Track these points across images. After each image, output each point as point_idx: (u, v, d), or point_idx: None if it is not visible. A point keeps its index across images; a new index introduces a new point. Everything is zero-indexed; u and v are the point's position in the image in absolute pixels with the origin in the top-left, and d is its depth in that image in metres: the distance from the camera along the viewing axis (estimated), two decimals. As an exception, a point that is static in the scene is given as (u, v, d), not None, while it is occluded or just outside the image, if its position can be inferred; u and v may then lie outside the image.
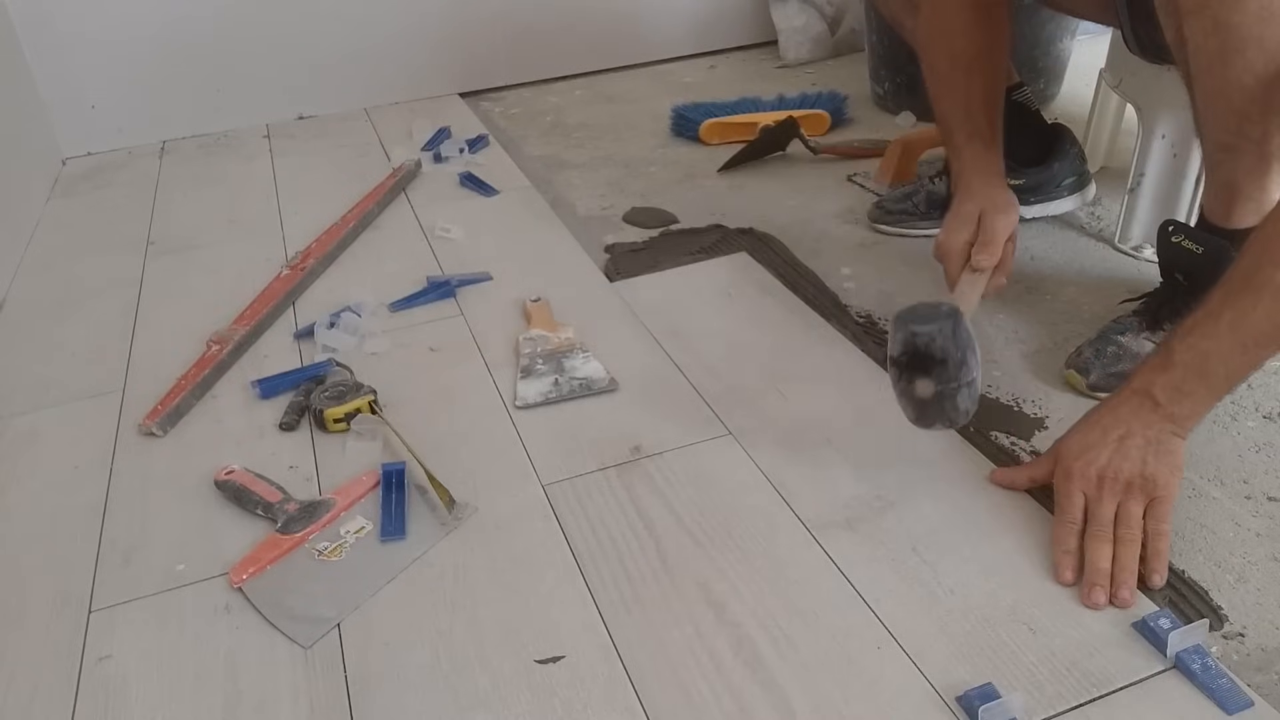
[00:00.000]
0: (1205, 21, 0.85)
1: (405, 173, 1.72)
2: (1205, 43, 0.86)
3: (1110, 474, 0.83)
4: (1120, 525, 0.82)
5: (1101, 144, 1.55)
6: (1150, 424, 0.84)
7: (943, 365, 0.85)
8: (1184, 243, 1.02)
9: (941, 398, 0.87)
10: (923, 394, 0.87)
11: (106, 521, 0.97)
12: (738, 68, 2.31)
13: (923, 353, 0.86)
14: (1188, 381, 0.82)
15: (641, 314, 1.26)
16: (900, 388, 0.89)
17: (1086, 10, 1.28)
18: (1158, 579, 0.80)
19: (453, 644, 0.80)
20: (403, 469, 0.98)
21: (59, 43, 1.89)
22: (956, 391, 0.87)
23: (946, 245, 1.04)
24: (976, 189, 1.06)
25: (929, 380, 0.86)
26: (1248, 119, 0.88)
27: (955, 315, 0.86)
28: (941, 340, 0.85)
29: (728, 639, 0.78)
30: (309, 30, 2.05)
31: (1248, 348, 0.79)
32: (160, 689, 0.78)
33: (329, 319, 1.26)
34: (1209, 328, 0.81)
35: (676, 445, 1.01)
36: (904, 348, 0.87)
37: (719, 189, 1.65)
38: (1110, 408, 0.87)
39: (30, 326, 1.36)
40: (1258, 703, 0.70)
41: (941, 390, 0.86)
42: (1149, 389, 0.84)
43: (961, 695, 0.71)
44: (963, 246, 1.02)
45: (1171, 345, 0.84)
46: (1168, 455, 0.83)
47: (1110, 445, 0.84)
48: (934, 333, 0.85)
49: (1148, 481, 0.83)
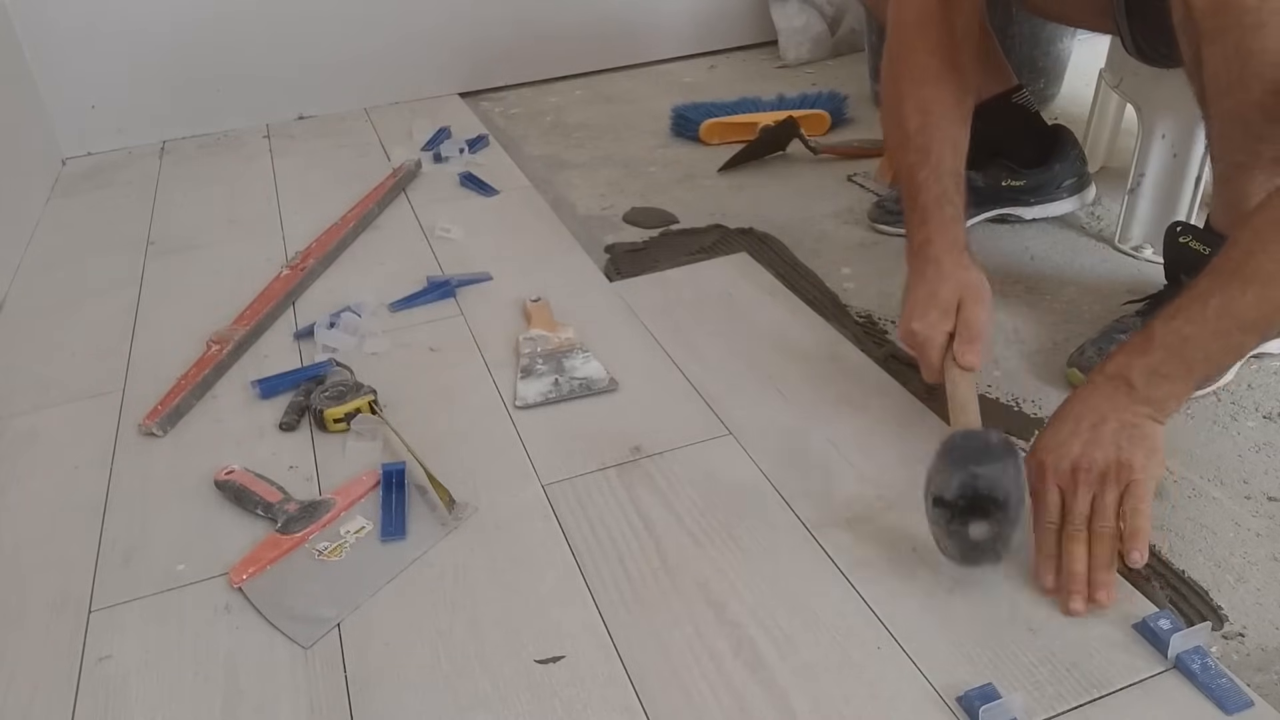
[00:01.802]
0: (1226, 46, 0.85)
1: (405, 173, 1.72)
2: (1225, 66, 0.86)
3: (1084, 464, 0.79)
4: (1095, 518, 0.78)
5: (1101, 144, 1.55)
6: (1125, 408, 0.81)
7: (1003, 509, 0.78)
8: (1192, 244, 1.02)
9: (995, 539, 0.79)
10: (977, 537, 0.79)
11: (106, 521, 0.97)
12: (738, 68, 2.31)
13: (984, 496, 0.78)
14: (1166, 364, 0.80)
15: (641, 314, 1.26)
16: (949, 529, 0.80)
17: (1083, 20, 1.28)
18: (1137, 556, 0.76)
19: (453, 644, 0.80)
20: (403, 469, 0.98)
21: (59, 43, 1.89)
22: (1012, 532, 0.79)
23: (926, 337, 0.95)
24: (949, 270, 0.97)
25: (986, 524, 0.79)
26: (1263, 140, 0.89)
27: (1014, 452, 0.80)
28: (1006, 483, 0.78)
29: (728, 639, 0.78)
30: (309, 30, 2.05)
31: (1231, 333, 0.78)
32: (160, 689, 0.78)
33: (329, 319, 1.26)
34: (1194, 312, 0.79)
35: (676, 445, 1.01)
36: (961, 491, 0.78)
37: (719, 189, 1.65)
38: (1083, 396, 0.83)
39: (30, 326, 1.36)
40: (1258, 703, 0.70)
41: (998, 533, 0.79)
42: (1125, 373, 0.81)
43: (962, 695, 0.71)
44: (943, 339, 0.95)
45: (1153, 328, 0.81)
46: (1144, 439, 0.80)
47: (1083, 435, 0.81)
48: (998, 475, 0.78)
49: (1123, 467, 0.79)
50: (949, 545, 0.80)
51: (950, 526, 0.79)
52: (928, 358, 0.95)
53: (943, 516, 0.80)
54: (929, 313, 0.95)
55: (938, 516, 0.80)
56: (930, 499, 0.80)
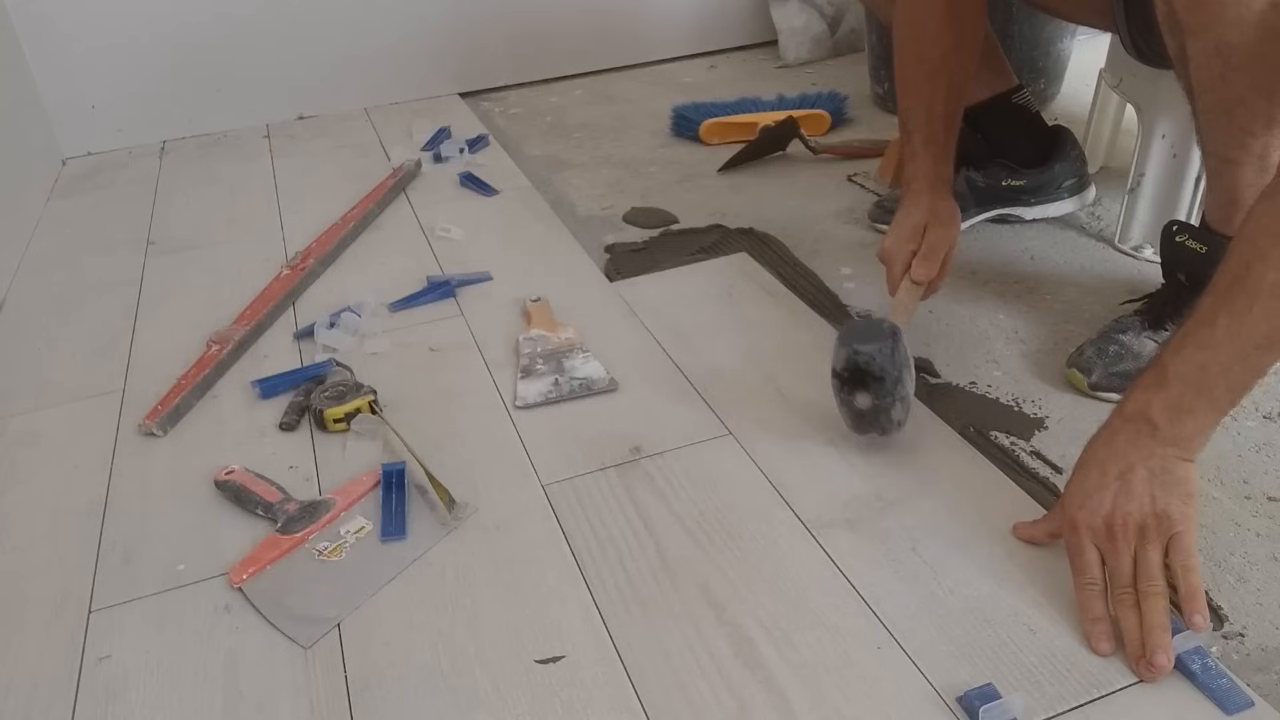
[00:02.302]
0: (1209, 42, 0.85)
1: (405, 173, 1.72)
2: (1209, 61, 0.86)
3: (1119, 520, 0.76)
4: (1141, 579, 0.74)
5: (1101, 144, 1.55)
6: (1152, 453, 0.76)
7: (880, 382, 0.91)
8: (1188, 242, 1.02)
9: (877, 411, 0.93)
10: (861, 406, 0.93)
11: (106, 521, 0.97)
12: (738, 68, 2.31)
13: (863, 369, 0.91)
14: (1187, 398, 0.75)
15: (641, 314, 1.26)
16: (840, 398, 0.95)
17: (1083, 17, 1.29)
18: (1200, 620, 0.72)
19: (453, 644, 0.80)
20: (403, 469, 0.98)
21: (59, 43, 1.89)
22: (891, 405, 0.93)
23: (891, 252, 1.08)
24: (924, 199, 1.10)
25: (867, 394, 0.92)
26: (1250, 134, 0.89)
27: (895, 335, 0.92)
28: (881, 359, 0.91)
29: (728, 639, 0.78)
30: (309, 30, 2.05)
31: (1248, 354, 0.73)
32: (160, 689, 0.78)
33: (329, 319, 1.26)
34: (1203, 337, 0.74)
35: (676, 445, 1.01)
36: (846, 364, 0.92)
37: (719, 189, 1.65)
38: (1105, 441, 0.79)
39: (30, 326, 1.36)
40: (1258, 703, 0.70)
41: (878, 404, 0.92)
42: (1145, 412, 0.77)
43: (962, 695, 0.71)
44: (907, 255, 1.07)
45: (1164, 360, 0.77)
46: (1177, 485, 0.75)
47: (1111, 487, 0.77)
48: (874, 352, 0.91)
49: (1161, 519, 0.75)
50: (843, 414, 0.96)
51: (840, 396, 0.95)
52: (890, 271, 1.09)
53: (835, 387, 0.95)
54: (899, 233, 1.09)
55: (833, 388, 0.95)
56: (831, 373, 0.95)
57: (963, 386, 1.09)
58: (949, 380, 1.10)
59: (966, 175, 1.39)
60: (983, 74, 1.33)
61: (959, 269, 1.32)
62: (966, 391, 1.08)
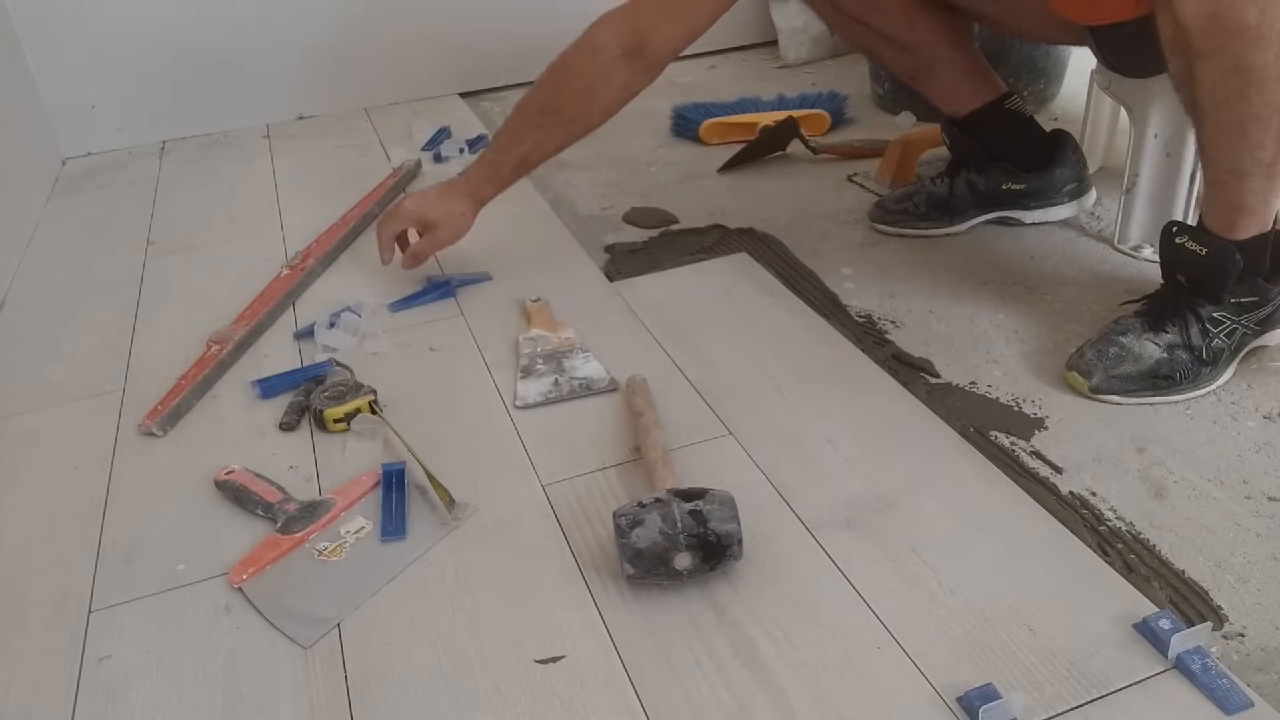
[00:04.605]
0: (1225, 64, 0.88)
1: (405, 173, 1.72)
2: (1223, 81, 0.89)
3: None
4: None
5: (1099, 144, 1.55)
6: None
7: (722, 550, 0.81)
8: (1188, 244, 1.02)
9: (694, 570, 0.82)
10: (681, 566, 0.81)
11: (106, 521, 0.97)
12: (738, 68, 2.31)
13: (713, 540, 0.81)
14: None
15: (641, 314, 1.26)
16: (639, 549, 0.80)
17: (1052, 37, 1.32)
18: None
19: (453, 644, 0.80)
20: (403, 469, 0.98)
21: (59, 43, 1.89)
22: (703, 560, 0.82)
23: (399, 217, 1.30)
24: (461, 202, 1.28)
25: (689, 556, 0.81)
26: (1261, 147, 0.91)
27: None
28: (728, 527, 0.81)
29: (728, 639, 0.78)
30: (309, 30, 2.05)
31: None
32: (160, 689, 0.78)
33: (329, 319, 1.26)
34: None
35: (676, 445, 1.01)
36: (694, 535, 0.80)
37: (719, 189, 1.65)
38: None
39: (30, 326, 1.36)
40: (1258, 703, 0.70)
41: (697, 567, 0.81)
42: None
43: (962, 695, 0.71)
44: (403, 236, 1.32)
45: None
46: None
47: None
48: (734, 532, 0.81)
49: None
50: (630, 559, 0.81)
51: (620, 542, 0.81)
52: (381, 234, 1.31)
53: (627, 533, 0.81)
54: (419, 210, 1.29)
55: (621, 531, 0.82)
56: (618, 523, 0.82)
57: (963, 386, 1.09)
58: (949, 380, 1.10)
59: (966, 178, 1.39)
60: (969, 84, 1.35)
61: (959, 269, 1.32)
62: (966, 391, 1.08)
